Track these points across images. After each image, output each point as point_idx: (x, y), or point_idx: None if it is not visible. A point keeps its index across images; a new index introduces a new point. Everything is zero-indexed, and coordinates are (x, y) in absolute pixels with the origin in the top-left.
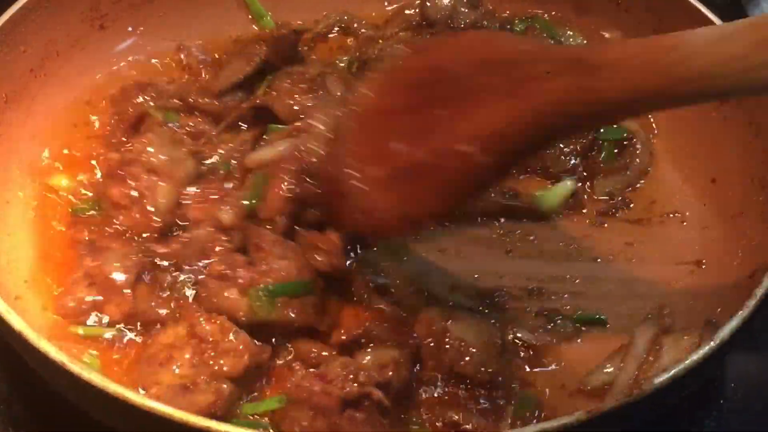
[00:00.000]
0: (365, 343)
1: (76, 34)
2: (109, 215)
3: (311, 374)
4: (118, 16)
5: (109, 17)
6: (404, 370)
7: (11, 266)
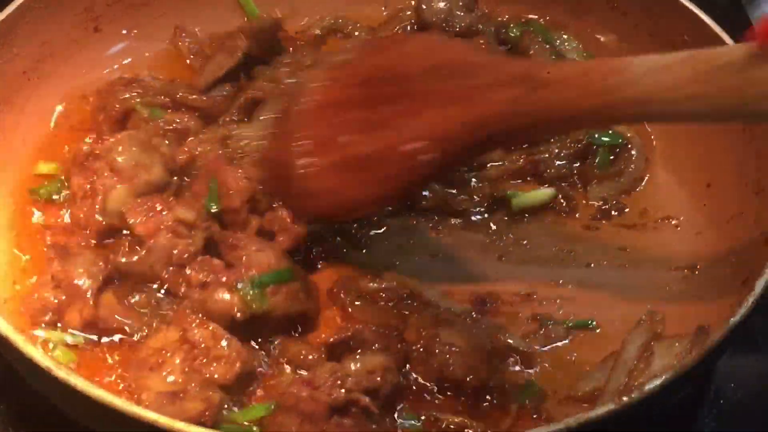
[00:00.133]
0: (353, 347)
1: (70, 36)
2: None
3: (299, 380)
4: (112, 18)
5: (103, 19)
6: (393, 375)
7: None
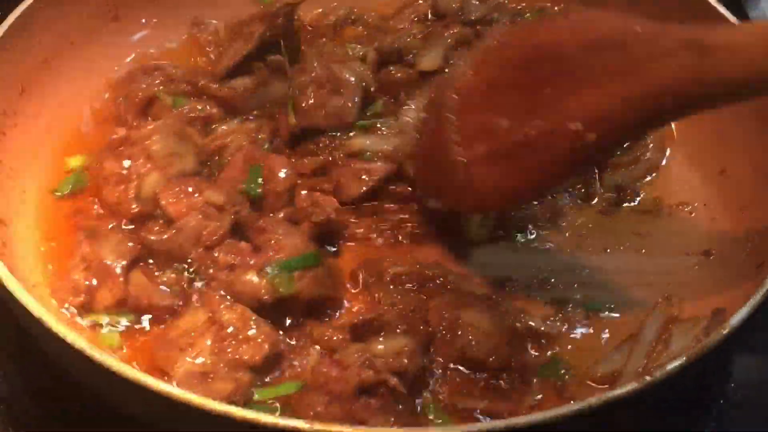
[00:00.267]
0: (377, 328)
1: (89, 25)
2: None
3: (328, 360)
4: (131, 6)
5: (122, 8)
6: (418, 357)
7: (27, 253)
